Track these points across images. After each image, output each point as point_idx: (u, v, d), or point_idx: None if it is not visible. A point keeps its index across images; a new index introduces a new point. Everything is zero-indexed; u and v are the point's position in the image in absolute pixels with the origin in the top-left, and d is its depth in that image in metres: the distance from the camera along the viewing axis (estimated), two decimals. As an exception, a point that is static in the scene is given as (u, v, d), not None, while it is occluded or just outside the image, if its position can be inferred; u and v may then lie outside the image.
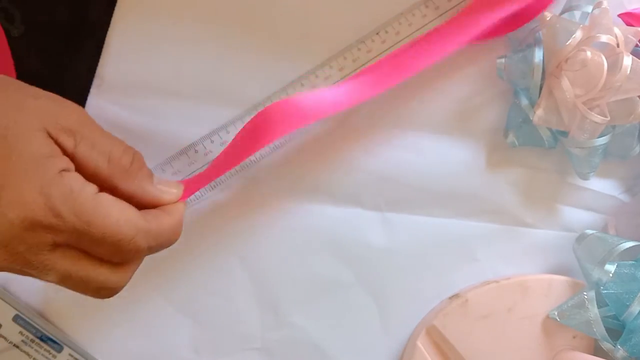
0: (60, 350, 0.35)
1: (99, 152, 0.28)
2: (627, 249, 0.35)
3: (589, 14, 0.35)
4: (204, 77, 0.36)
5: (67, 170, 0.26)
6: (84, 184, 0.27)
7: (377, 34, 0.37)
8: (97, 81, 0.35)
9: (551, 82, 0.35)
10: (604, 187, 0.39)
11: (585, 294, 0.36)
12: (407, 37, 0.37)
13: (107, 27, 0.35)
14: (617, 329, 0.36)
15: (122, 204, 0.28)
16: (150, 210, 0.30)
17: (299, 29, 0.36)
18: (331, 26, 0.36)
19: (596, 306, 0.35)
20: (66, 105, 0.28)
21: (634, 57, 0.33)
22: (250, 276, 0.37)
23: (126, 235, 0.27)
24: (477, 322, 0.37)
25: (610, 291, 0.35)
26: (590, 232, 0.37)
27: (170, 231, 0.30)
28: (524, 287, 0.37)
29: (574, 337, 0.37)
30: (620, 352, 0.35)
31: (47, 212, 0.25)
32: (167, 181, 0.31)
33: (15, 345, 0.35)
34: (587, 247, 0.37)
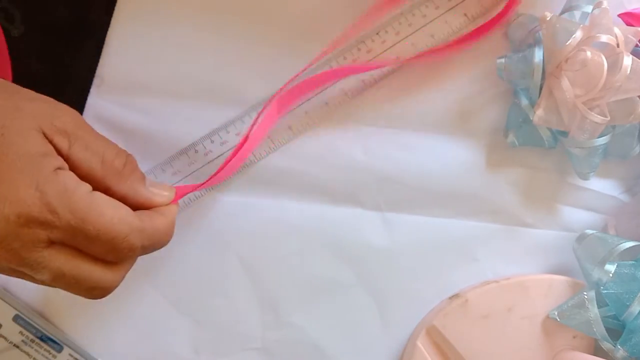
0: (60, 350, 0.35)
1: (92, 154, 0.28)
2: (627, 249, 0.35)
3: (589, 14, 0.35)
4: (204, 77, 0.36)
5: (62, 168, 0.27)
6: (79, 182, 0.27)
7: (377, 33, 0.37)
8: (97, 81, 0.35)
9: (551, 82, 0.35)
10: (604, 187, 0.39)
11: (585, 294, 0.36)
12: (407, 36, 0.37)
13: (107, 27, 0.35)
14: (617, 329, 0.36)
15: (116, 203, 0.28)
16: (143, 210, 0.30)
17: (298, 29, 0.36)
18: (330, 26, 0.36)
19: (596, 306, 0.35)
20: (61, 107, 0.28)
21: (634, 57, 0.33)
22: (250, 276, 0.37)
23: (120, 232, 0.27)
24: (477, 322, 0.37)
25: (610, 291, 0.35)
26: (590, 232, 0.37)
27: (163, 231, 0.30)
28: (524, 287, 0.37)
29: (574, 337, 0.37)
30: (620, 352, 0.35)
31: (43, 208, 0.25)
32: (159, 184, 0.32)
33: (15, 345, 0.35)
34: (587, 247, 0.37)
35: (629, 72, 0.33)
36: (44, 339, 0.35)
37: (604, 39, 0.34)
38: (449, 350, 0.37)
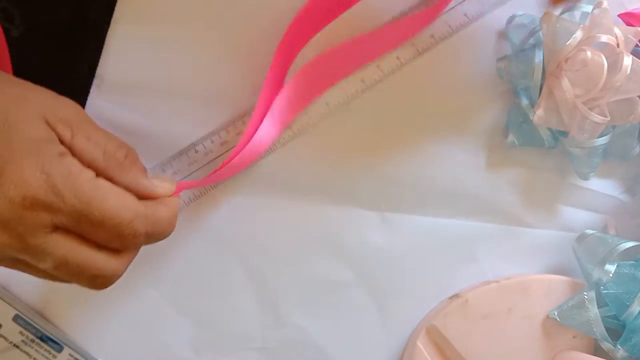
0: (60, 350, 0.35)
1: (94, 145, 0.28)
2: (627, 249, 0.35)
3: (589, 14, 0.35)
4: (204, 77, 0.36)
5: (66, 154, 0.27)
6: (82, 168, 0.27)
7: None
8: (97, 81, 0.35)
9: (551, 82, 0.35)
10: (604, 187, 0.39)
11: (585, 294, 0.36)
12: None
13: (107, 27, 0.35)
14: (617, 329, 0.36)
15: (120, 190, 0.28)
16: (147, 200, 0.30)
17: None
18: (329, 27, 0.36)
19: (596, 306, 0.35)
20: (64, 99, 0.29)
21: (634, 57, 0.33)
22: (250, 276, 0.37)
23: (125, 218, 0.27)
24: (477, 322, 0.37)
25: (610, 291, 0.35)
26: (590, 232, 0.37)
27: (166, 221, 0.30)
28: (524, 287, 0.37)
29: (574, 337, 0.37)
30: (620, 352, 0.35)
31: (48, 191, 0.25)
32: (160, 176, 0.32)
33: (15, 345, 0.35)
34: (587, 247, 0.37)
35: (629, 72, 0.33)
36: (44, 339, 0.35)
37: (604, 39, 0.34)
38: (449, 350, 0.37)
